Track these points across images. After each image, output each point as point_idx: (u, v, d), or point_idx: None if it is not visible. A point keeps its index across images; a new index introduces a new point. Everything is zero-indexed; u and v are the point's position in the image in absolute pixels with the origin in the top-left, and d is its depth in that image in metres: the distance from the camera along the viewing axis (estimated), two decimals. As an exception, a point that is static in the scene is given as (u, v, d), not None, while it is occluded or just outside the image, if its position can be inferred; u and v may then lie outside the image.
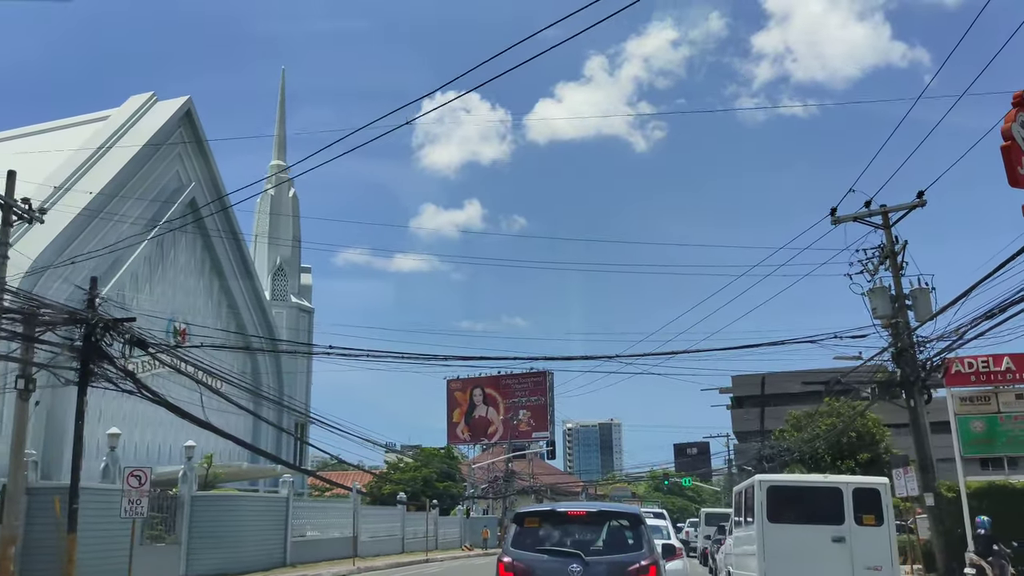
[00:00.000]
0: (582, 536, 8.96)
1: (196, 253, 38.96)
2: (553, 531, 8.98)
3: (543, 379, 68.37)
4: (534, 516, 9.23)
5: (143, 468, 15.32)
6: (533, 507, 9.98)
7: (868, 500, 12.82)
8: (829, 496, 13.02)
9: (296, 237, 47.74)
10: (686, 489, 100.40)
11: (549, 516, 9.17)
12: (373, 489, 48.42)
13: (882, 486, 13.10)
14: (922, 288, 17.67)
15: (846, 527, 12.72)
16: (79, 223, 30.88)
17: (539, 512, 9.37)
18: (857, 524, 12.69)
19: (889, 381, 17.34)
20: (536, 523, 9.07)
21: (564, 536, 8.89)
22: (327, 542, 29.05)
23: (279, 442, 40.94)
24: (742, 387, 60.67)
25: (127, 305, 30.75)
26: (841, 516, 12.77)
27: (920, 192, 17.34)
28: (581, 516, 9.19)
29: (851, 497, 12.87)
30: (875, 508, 12.77)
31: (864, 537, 12.55)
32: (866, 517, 12.67)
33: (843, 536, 12.65)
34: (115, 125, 36.19)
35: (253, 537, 23.65)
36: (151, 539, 19.04)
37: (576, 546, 8.66)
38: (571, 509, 9.31)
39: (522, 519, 9.18)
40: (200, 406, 15.46)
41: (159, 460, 32.89)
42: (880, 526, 12.68)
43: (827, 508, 12.87)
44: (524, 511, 9.49)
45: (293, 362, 44.78)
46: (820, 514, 12.93)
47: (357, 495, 31.22)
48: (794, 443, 40.50)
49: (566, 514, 9.16)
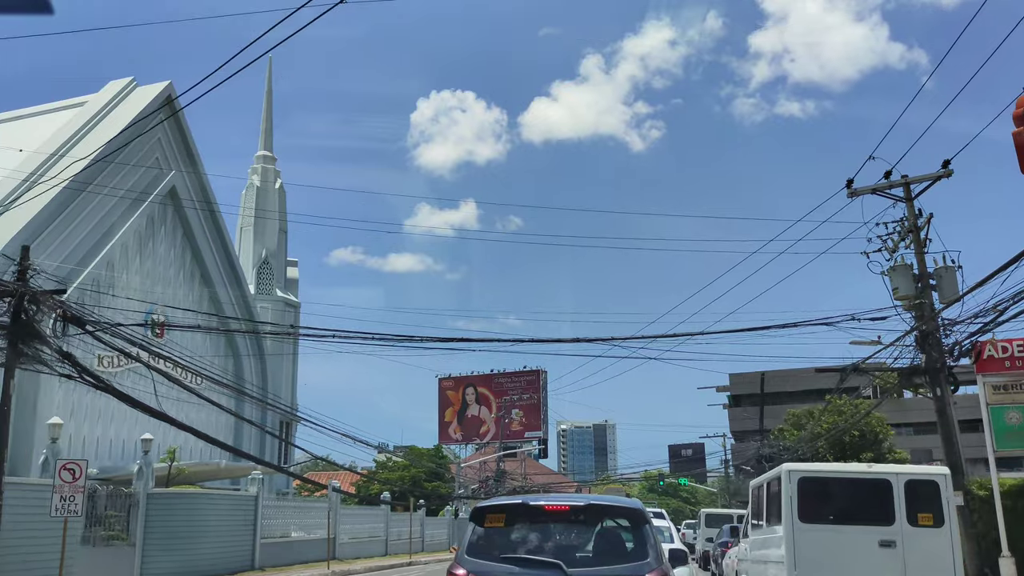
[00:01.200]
0: (564, 539, 6.73)
1: (176, 244, 37.57)
2: (524, 532, 6.70)
3: (536, 377, 67.38)
4: (498, 512, 6.80)
5: (78, 461, 13.89)
6: (498, 499, 7.49)
7: (925, 495, 10.54)
8: (876, 490, 10.68)
9: (283, 229, 46.39)
10: (681, 490, 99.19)
11: (519, 512, 6.81)
12: (361, 489, 47.20)
13: (942, 477, 10.80)
14: (948, 266, 16.11)
15: (897, 528, 10.44)
16: (51, 211, 29.54)
17: (505, 506, 6.91)
18: (911, 525, 10.43)
19: (912, 368, 15.88)
20: (501, 521, 6.72)
21: (539, 539, 6.63)
22: (301, 544, 27.74)
23: (263, 441, 39.55)
24: (740, 385, 59.60)
25: (102, 296, 29.72)
26: (891, 515, 10.49)
27: (946, 161, 15.88)
28: (563, 512, 6.83)
29: (903, 491, 10.55)
30: (933, 505, 10.50)
31: (920, 542, 10.28)
32: (922, 516, 10.42)
33: (893, 540, 10.37)
34: (92, 111, 34.89)
35: (217, 538, 22.18)
36: (107, 540, 17.67)
37: (556, 553, 6.37)
38: (549, 503, 6.94)
39: (482, 516, 6.78)
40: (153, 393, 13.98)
41: (125, 457, 31.47)
42: (940, 527, 10.43)
43: (873, 505, 10.64)
44: (485, 505, 7.02)
45: (279, 360, 43.46)
46: (864, 512, 10.67)
47: (335, 494, 29.84)
48: (794, 442, 39.43)
49: (542, 509, 6.81)
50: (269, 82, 47.36)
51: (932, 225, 16.16)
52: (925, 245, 16.29)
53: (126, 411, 31.00)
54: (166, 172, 36.23)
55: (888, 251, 16.63)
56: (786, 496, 10.67)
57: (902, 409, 51.58)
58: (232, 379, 35.46)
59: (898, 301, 16.17)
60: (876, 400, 29.26)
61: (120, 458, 31.41)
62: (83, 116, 34.42)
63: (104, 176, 32.07)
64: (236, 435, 38.42)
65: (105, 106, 35.20)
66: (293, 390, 45.17)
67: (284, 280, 46.08)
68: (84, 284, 30.24)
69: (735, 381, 60.72)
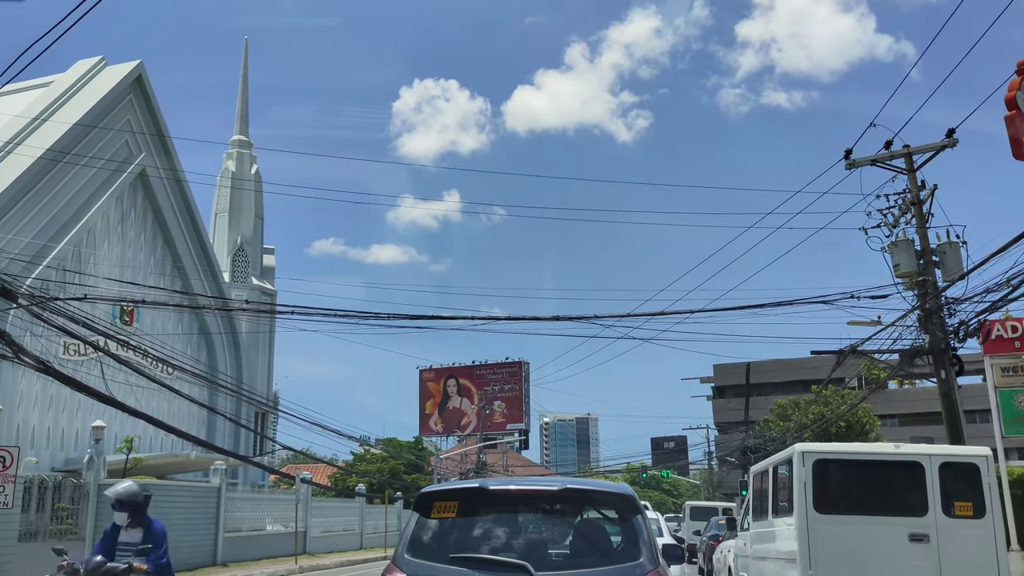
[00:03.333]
0: (534, 534, 5.25)
1: (147, 228, 36.41)
2: (483, 525, 5.25)
3: (519, 369, 66.71)
4: (449, 498, 5.27)
5: (9, 448, 12.78)
6: (450, 484, 6.08)
7: (963, 480, 9.04)
8: (905, 474, 9.14)
9: (259, 216, 45.28)
10: (663, 482, 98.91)
11: (476, 499, 5.31)
12: (338, 482, 46.31)
13: (983, 459, 9.14)
14: (951, 242, 15.23)
15: (930, 520, 8.89)
16: (12, 194, 28.40)
17: (458, 491, 5.37)
18: (946, 516, 8.88)
19: (915, 350, 15.07)
20: (453, 511, 5.21)
21: (501, 534, 5.17)
22: (269, 538, 26.77)
23: (237, 433, 38.52)
24: (724, 376, 59.09)
25: (69, 282, 28.61)
26: (923, 504, 8.93)
27: (950, 130, 15.06)
28: (533, 499, 5.38)
29: (937, 475, 8.98)
30: (973, 492, 8.98)
31: (957, 535, 8.80)
32: (960, 505, 8.90)
33: (926, 534, 8.83)
34: (59, 90, 33.70)
35: (177, 533, 20.53)
36: (56, 534, 16.64)
37: (523, 551, 4.96)
38: (515, 486, 5.52)
39: (429, 503, 5.29)
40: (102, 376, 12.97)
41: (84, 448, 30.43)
42: (981, 519, 8.88)
43: (902, 492, 9.14)
44: (433, 490, 5.49)
45: (254, 350, 42.43)
46: (892, 501, 9.17)
47: (304, 486, 28.87)
48: (780, 433, 38.95)
49: (506, 495, 5.42)
50: (245, 65, 46.20)
51: (935, 198, 15.41)
52: (927, 219, 15.49)
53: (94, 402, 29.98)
54: (136, 155, 35.12)
55: (888, 226, 15.86)
56: (798, 482, 9.21)
57: (888, 400, 51.22)
58: (206, 369, 34.44)
59: (899, 278, 15.30)
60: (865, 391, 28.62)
61: (86, 450, 30.36)
62: (49, 96, 33.23)
63: (71, 157, 30.94)
64: (209, 426, 37.41)
65: (73, 86, 34.03)
66: (269, 381, 44.18)
67: (260, 268, 45.00)
68: (51, 265, 29.11)
69: (719, 372, 60.22)
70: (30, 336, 22.48)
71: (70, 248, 30.95)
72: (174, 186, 37.06)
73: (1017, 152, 12.21)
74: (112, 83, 34.19)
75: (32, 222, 29.19)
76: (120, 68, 35.40)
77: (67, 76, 34.94)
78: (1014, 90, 12.64)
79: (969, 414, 19.42)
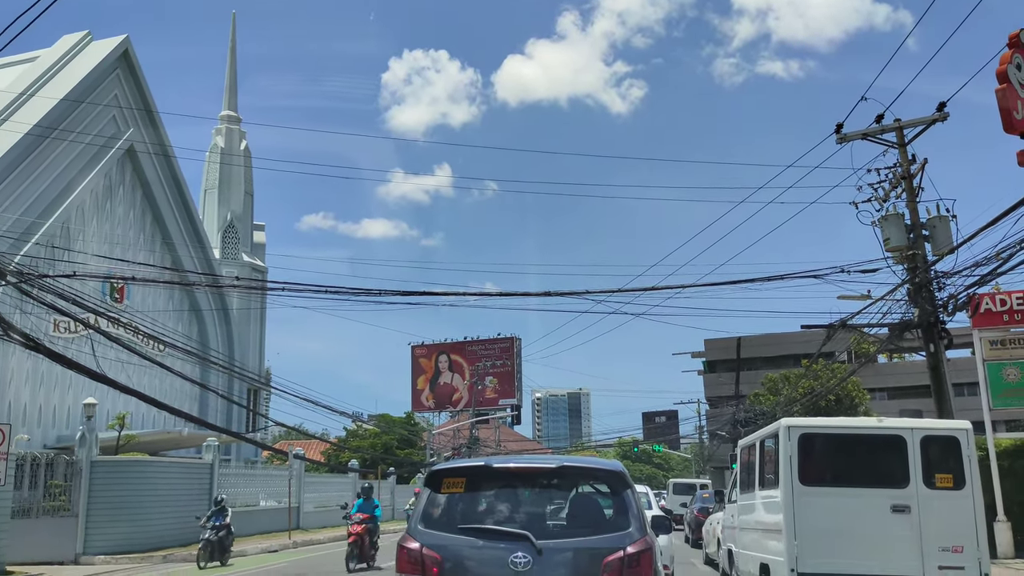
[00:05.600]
0: (534, 507, 5.89)
1: (136, 205, 36.17)
2: (488, 499, 5.87)
3: (510, 345, 66.86)
4: (457, 475, 5.91)
5: (0, 425, 12.74)
6: (458, 462, 6.62)
7: (943, 453, 9.36)
8: (887, 447, 9.47)
9: (248, 192, 45.01)
10: (655, 455, 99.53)
11: (482, 476, 5.94)
12: (331, 458, 46.45)
13: (963, 432, 9.48)
14: (941, 216, 15.24)
15: (912, 491, 9.19)
16: (0, 171, 28.14)
17: (466, 469, 6.04)
18: (927, 487, 9.19)
19: (904, 324, 15.14)
20: (461, 487, 5.83)
21: (505, 507, 5.79)
22: (262, 513, 26.91)
23: (229, 409, 38.54)
24: (715, 351, 59.31)
25: (58, 259, 28.44)
26: (905, 476, 9.25)
27: (941, 104, 15.03)
28: (532, 476, 6.03)
29: (919, 448, 9.30)
30: (953, 464, 9.31)
31: (938, 506, 9.10)
32: (940, 477, 9.21)
33: (908, 504, 9.13)
34: (45, 65, 33.30)
35: (169, 508, 21.06)
36: (50, 511, 16.68)
37: (524, 522, 5.57)
38: (516, 464, 6.14)
39: (439, 480, 5.91)
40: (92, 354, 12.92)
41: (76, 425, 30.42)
42: (961, 490, 9.20)
43: (885, 464, 9.45)
44: (443, 468, 6.15)
45: (245, 326, 42.37)
46: (875, 473, 9.49)
47: (297, 462, 28.97)
48: (770, 407, 39.21)
49: (508, 472, 5.99)
50: (233, 38, 45.72)
51: (926, 172, 15.38)
52: (918, 193, 15.48)
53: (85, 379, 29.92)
54: (123, 130, 34.81)
55: (879, 200, 15.83)
56: (784, 455, 9.49)
57: (877, 373, 51.53)
58: (197, 346, 34.37)
59: (889, 253, 15.32)
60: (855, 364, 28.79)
61: (78, 427, 30.37)
62: (35, 71, 32.85)
63: (58, 134, 30.65)
64: (202, 403, 37.42)
65: (58, 61, 33.63)
66: (261, 358, 44.16)
67: (251, 244, 44.82)
68: (40, 242, 28.92)
69: (710, 347, 60.42)
70: (20, 314, 22.40)
71: (58, 225, 30.74)
72: (162, 162, 36.79)
73: (1008, 125, 12.23)
74: (98, 58, 33.81)
75: (20, 199, 28.95)
76: (106, 43, 34.98)
77: (52, 51, 34.53)
78: (1005, 63, 12.64)
79: (957, 387, 19.56)
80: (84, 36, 35.26)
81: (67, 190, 31.34)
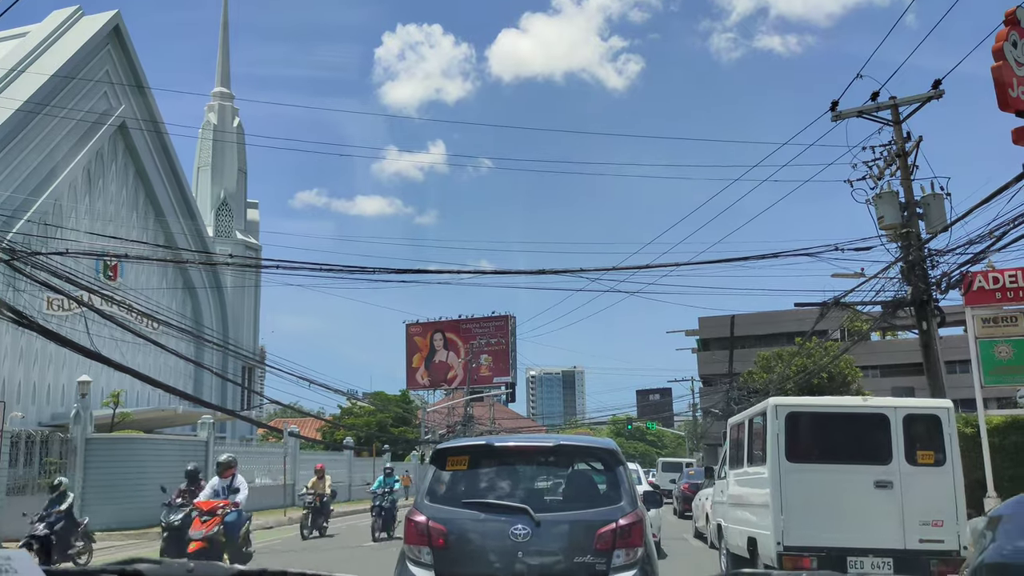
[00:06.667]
0: (532, 483, 6.52)
1: (128, 183, 35.97)
2: (489, 476, 6.32)
3: (505, 323, 66.94)
4: (461, 453, 6.36)
5: (-7, 402, 12.73)
6: (461, 440, 7.20)
7: (925, 430, 9.67)
8: (871, 425, 9.74)
9: (241, 169, 44.75)
10: (648, 433, 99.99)
11: (484, 454, 6.40)
12: (327, 435, 46.58)
13: (944, 411, 9.81)
14: (935, 194, 15.25)
15: (894, 467, 9.48)
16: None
17: (469, 448, 6.50)
18: (909, 463, 9.48)
19: (897, 301, 15.19)
20: (464, 464, 6.28)
21: (505, 483, 6.27)
22: (257, 490, 26.94)
23: (224, 387, 38.55)
24: (709, 329, 59.39)
25: (51, 236, 28.30)
26: (887, 453, 9.53)
27: (937, 81, 14.94)
28: (531, 454, 6.57)
29: (901, 426, 9.59)
30: (934, 441, 9.58)
31: (919, 481, 9.38)
32: (922, 454, 9.50)
33: (890, 480, 9.41)
34: (35, 41, 32.99)
35: (165, 486, 21.00)
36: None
37: (523, 497, 6.05)
38: (515, 443, 6.71)
39: (443, 458, 6.35)
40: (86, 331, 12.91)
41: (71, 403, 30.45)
42: (941, 466, 9.49)
43: (868, 442, 9.71)
44: (448, 446, 6.60)
45: (240, 304, 42.30)
46: (858, 450, 9.77)
47: (292, 439, 29.06)
48: (763, 385, 39.35)
49: (509, 450, 6.47)
50: (225, 14, 45.29)
51: (921, 150, 15.36)
52: (912, 171, 15.45)
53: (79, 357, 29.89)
54: (115, 107, 34.55)
55: (873, 178, 15.78)
56: (772, 433, 9.79)
57: (869, 351, 51.72)
58: (191, 324, 34.33)
59: (883, 231, 15.32)
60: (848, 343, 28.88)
61: (72, 405, 30.41)
62: (25, 47, 32.53)
63: (50, 110, 30.44)
64: (197, 381, 37.41)
65: (49, 36, 33.31)
66: (255, 336, 44.11)
67: (244, 222, 44.63)
68: (32, 219, 28.78)
69: (704, 325, 60.53)
70: (12, 291, 22.33)
71: (51, 202, 30.59)
72: (155, 139, 36.53)
73: (1003, 103, 12.22)
74: (89, 33, 33.50)
75: (11, 176, 28.78)
76: (97, 18, 34.65)
77: (43, 26, 34.21)
78: (1001, 40, 12.61)
79: (949, 364, 19.65)
80: (75, 11, 34.90)
81: (59, 167, 31.16)
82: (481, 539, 5.86)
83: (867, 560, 9.17)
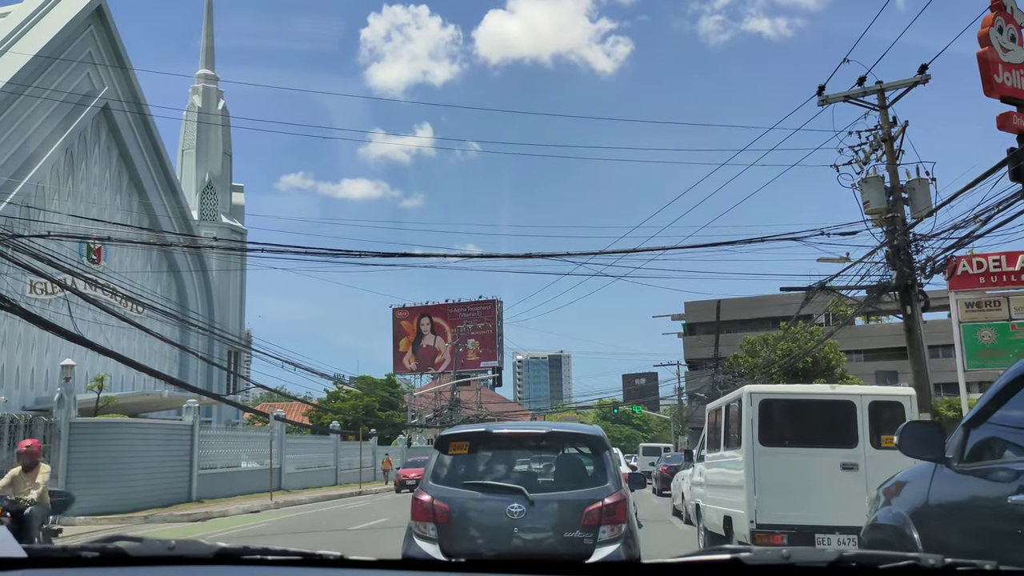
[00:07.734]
0: (526, 466, 7.29)
1: (112, 166, 35.66)
2: (488, 460, 7.02)
3: (492, 307, 66.96)
4: (462, 439, 7.05)
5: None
6: (462, 428, 7.84)
7: (889, 416, 10.17)
8: (839, 412, 10.41)
9: (227, 152, 44.44)
10: (634, 417, 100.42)
11: (483, 440, 7.08)
12: (314, 419, 46.55)
13: (907, 398, 10.51)
14: (921, 178, 15.36)
15: (860, 451, 10.11)
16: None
17: (469, 434, 7.17)
18: (874, 447, 10.06)
19: (882, 286, 15.30)
20: (465, 449, 6.98)
21: (502, 466, 7.00)
22: (243, 474, 27.01)
23: (209, 371, 38.41)
24: (695, 313, 59.63)
25: (34, 219, 28.03)
26: (854, 437, 10.17)
27: (923, 66, 14.98)
28: (525, 439, 7.35)
29: (867, 413, 10.23)
30: (898, 426, 10.26)
31: (883, 463, 9.69)
32: (886, 438, 9.91)
33: (856, 463, 10.04)
34: (17, 21, 32.58)
35: (150, 470, 21.12)
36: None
37: (518, 479, 6.80)
38: (511, 430, 7.52)
39: (447, 443, 7.04)
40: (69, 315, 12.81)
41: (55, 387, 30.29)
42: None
43: (836, 427, 10.35)
44: (450, 433, 7.33)
45: (225, 289, 42.11)
46: (827, 435, 10.38)
47: (278, 423, 29.02)
48: (748, 369, 39.54)
49: (505, 436, 7.20)
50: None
51: (907, 135, 15.42)
52: (898, 156, 15.51)
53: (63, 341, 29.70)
54: (98, 88, 34.19)
55: (859, 163, 15.85)
56: (746, 419, 10.41)
57: (854, 336, 52.04)
58: (176, 308, 34.15)
59: (869, 215, 15.43)
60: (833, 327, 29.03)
61: (56, 389, 30.24)
62: (7, 27, 32.12)
63: (32, 91, 30.08)
64: (182, 365, 37.25)
65: (31, 16, 32.89)
66: (241, 320, 43.95)
67: (229, 206, 44.38)
68: (14, 202, 28.49)
69: (690, 309, 60.76)
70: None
71: (33, 184, 30.29)
72: (139, 121, 36.21)
73: (989, 88, 12.28)
74: (72, 13, 33.09)
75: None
76: (80, -3, 34.23)
77: (24, 6, 33.79)
78: (987, 26, 12.67)
79: (933, 349, 19.84)
80: (57, -11, 34.47)
81: (41, 149, 30.85)
82: (480, 516, 6.49)
83: (834, 537, 9.70)
